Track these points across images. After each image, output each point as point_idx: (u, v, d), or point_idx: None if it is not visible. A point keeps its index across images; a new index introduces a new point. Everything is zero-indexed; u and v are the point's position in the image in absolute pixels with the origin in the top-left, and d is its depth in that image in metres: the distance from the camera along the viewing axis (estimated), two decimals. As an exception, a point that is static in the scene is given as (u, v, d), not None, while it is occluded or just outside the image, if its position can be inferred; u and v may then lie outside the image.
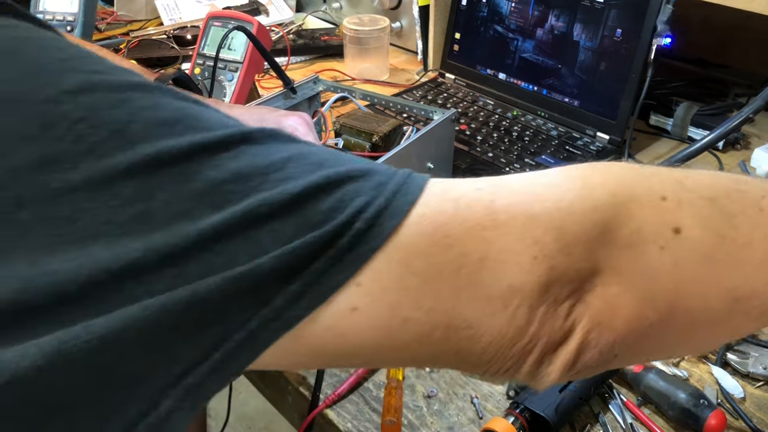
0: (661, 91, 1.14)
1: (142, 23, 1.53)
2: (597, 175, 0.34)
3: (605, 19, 1.04)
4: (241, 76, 1.04)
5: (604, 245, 0.32)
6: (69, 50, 0.30)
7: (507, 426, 0.61)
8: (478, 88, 1.23)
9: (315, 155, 0.31)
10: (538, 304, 0.31)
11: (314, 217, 0.29)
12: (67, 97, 0.27)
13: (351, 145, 0.87)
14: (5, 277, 0.25)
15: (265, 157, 0.30)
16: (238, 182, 0.28)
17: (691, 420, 0.62)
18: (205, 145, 0.28)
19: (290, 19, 1.58)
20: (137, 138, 0.27)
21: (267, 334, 0.28)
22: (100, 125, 0.27)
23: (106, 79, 0.29)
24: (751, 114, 0.74)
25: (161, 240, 0.26)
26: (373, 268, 0.30)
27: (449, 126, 0.91)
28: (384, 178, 0.31)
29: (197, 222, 0.27)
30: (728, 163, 1.03)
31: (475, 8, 1.22)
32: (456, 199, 0.32)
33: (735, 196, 0.35)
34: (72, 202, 0.26)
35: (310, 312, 0.29)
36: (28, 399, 0.24)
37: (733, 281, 0.34)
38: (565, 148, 1.05)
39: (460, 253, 0.30)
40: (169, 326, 0.26)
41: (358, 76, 1.33)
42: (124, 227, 0.26)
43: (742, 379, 0.68)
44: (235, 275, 0.27)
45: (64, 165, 0.26)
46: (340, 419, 0.66)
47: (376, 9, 1.43)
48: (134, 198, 0.27)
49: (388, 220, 0.30)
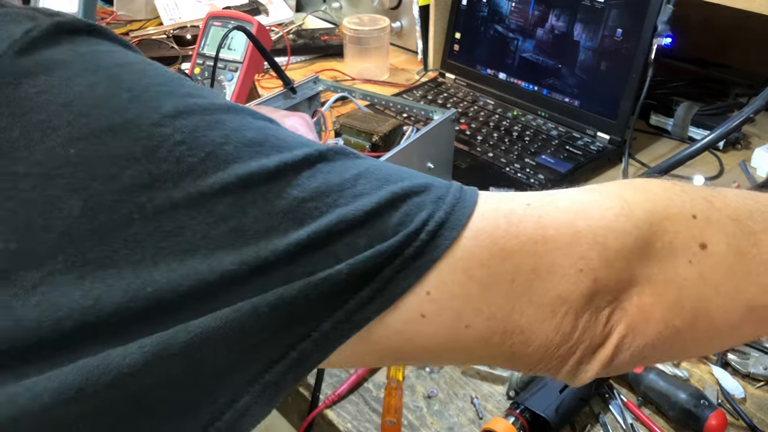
0: (661, 91, 1.14)
1: (141, 23, 1.53)
2: (636, 194, 0.37)
3: (606, 19, 1.03)
4: (240, 76, 1.04)
5: (641, 259, 0.35)
6: (161, 73, 0.32)
7: (507, 426, 0.61)
8: (478, 88, 1.23)
9: (380, 171, 0.34)
10: (582, 312, 0.35)
11: (385, 231, 0.32)
12: (167, 121, 0.29)
13: (351, 145, 0.87)
14: (113, 286, 0.27)
15: (338, 174, 0.32)
16: (318, 199, 0.31)
17: (691, 420, 0.62)
18: (290, 165, 0.31)
19: (290, 19, 1.58)
20: (230, 158, 0.30)
21: (337, 335, 0.31)
22: (197, 147, 0.29)
23: (198, 103, 0.31)
24: (751, 114, 0.74)
25: (252, 254, 0.29)
26: (439, 277, 0.33)
27: (449, 126, 0.91)
28: (442, 192, 0.34)
29: (284, 237, 0.30)
30: (728, 163, 1.03)
31: (476, 8, 1.21)
32: (508, 215, 0.35)
33: (757, 217, 0.38)
34: (174, 218, 0.28)
35: (377, 315, 0.32)
36: (129, 396, 0.27)
37: (750, 292, 0.37)
38: (565, 148, 1.05)
39: (515, 264, 0.34)
40: (258, 326, 0.29)
41: (358, 76, 1.33)
42: (218, 241, 0.29)
43: (743, 380, 0.68)
44: (316, 281, 0.30)
45: (166, 184, 0.28)
46: (340, 419, 0.65)
47: (376, 9, 1.43)
48: (228, 214, 0.29)
49: (448, 231, 0.33)
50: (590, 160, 1.02)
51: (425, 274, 0.32)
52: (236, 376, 0.30)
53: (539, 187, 0.94)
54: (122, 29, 1.50)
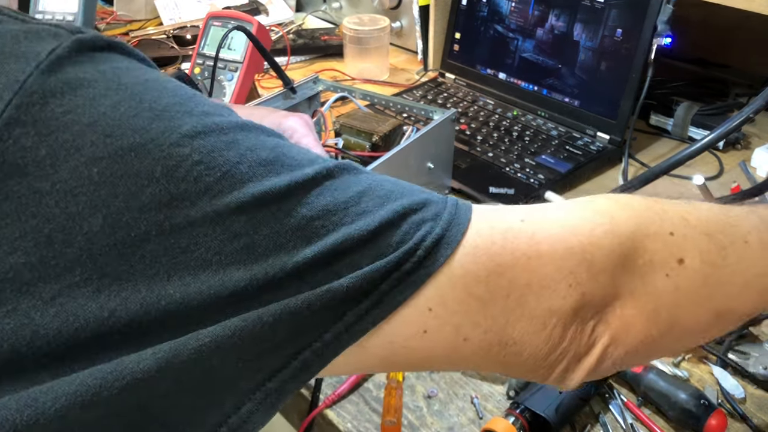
0: (661, 91, 1.14)
1: (141, 23, 1.53)
2: (622, 212, 0.39)
3: (605, 19, 1.03)
4: (240, 75, 1.04)
5: (624, 274, 0.38)
6: (179, 92, 0.33)
7: (507, 426, 0.61)
8: (478, 88, 1.23)
9: (382, 187, 0.35)
10: (570, 324, 0.37)
11: (386, 249, 0.33)
12: (186, 141, 0.30)
13: (351, 145, 0.87)
14: (128, 299, 0.29)
15: (343, 191, 0.34)
16: (325, 218, 0.32)
17: (691, 420, 0.61)
18: (300, 184, 0.33)
19: (290, 18, 1.58)
20: (245, 178, 0.31)
21: (337, 345, 0.33)
22: (214, 167, 0.31)
23: (215, 122, 0.32)
24: (751, 114, 0.74)
25: (262, 271, 0.30)
26: (438, 293, 0.34)
27: (449, 126, 0.91)
28: (439, 209, 0.36)
29: (292, 255, 0.31)
30: (728, 163, 1.03)
31: (475, 8, 1.21)
32: (504, 231, 0.36)
33: (728, 231, 0.41)
34: (190, 236, 0.30)
35: (374, 326, 0.33)
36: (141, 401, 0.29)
37: (719, 300, 0.41)
38: (565, 148, 1.04)
39: (510, 279, 0.35)
40: (263, 336, 0.30)
41: (358, 75, 1.33)
42: (231, 257, 0.30)
43: (743, 380, 0.68)
44: (319, 294, 0.31)
45: (184, 203, 0.30)
46: (340, 419, 0.65)
47: (376, 9, 1.43)
48: (242, 232, 0.30)
49: (444, 248, 0.34)
50: (590, 160, 1.02)
51: (421, 288, 0.34)
52: (241, 383, 0.31)
53: (539, 187, 0.94)
54: (122, 29, 1.50)
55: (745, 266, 0.41)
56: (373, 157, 0.81)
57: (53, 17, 1.17)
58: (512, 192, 0.93)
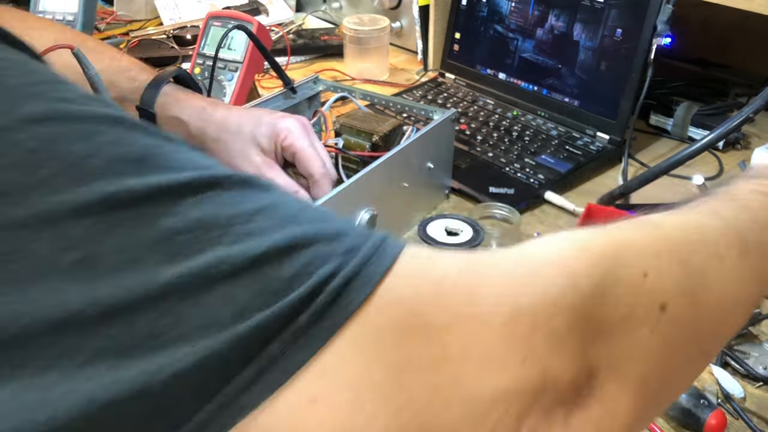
0: (661, 91, 1.14)
1: (141, 23, 1.53)
2: (580, 260, 0.31)
3: (605, 19, 1.04)
4: (240, 75, 1.04)
5: (596, 339, 0.29)
6: (39, 74, 0.27)
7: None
8: (478, 88, 1.23)
9: (287, 208, 0.28)
10: (526, 413, 0.27)
11: (274, 285, 0.25)
12: (22, 126, 0.25)
13: (351, 145, 0.87)
14: None
15: (232, 206, 0.27)
16: (196, 233, 0.25)
17: (691, 420, 0.61)
18: (169, 188, 0.26)
19: (290, 18, 1.58)
20: (95, 174, 0.25)
21: (215, 428, 0.24)
22: (53, 158, 0.25)
23: (73, 109, 0.26)
24: (751, 114, 0.74)
25: (104, 292, 0.23)
26: (338, 353, 0.25)
27: (449, 126, 0.91)
28: (357, 242, 0.27)
29: (144, 275, 0.24)
30: (728, 163, 1.03)
31: (475, 8, 1.21)
32: (438, 282, 0.28)
33: (698, 248, 0.35)
34: (13, 240, 0.23)
35: (261, 402, 0.25)
36: None
37: (706, 337, 0.35)
38: (565, 148, 1.05)
39: (440, 345, 0.26)
40: (109, 423, 0.23)
41: (358, 76, 1.33)
42: (66, 273, 0.23)
43: (743, 379, 0.68)
44: (185, 367, 0.24)
45: (9, 198, 0.24)
46: None
47: (376, 9, 1.43)
48: (82, 240, 0.24)
49: (355, 293, 0.26)
50: (590, 160, 1.02)
51: (322, 349, 0.25)
52: None
53: (539, 187, 0.94)
54: (122, 29, 1.50)
55: (725, 288, 0.35)
56: (373, 157, 0.81)
57: (53, 17, 1.17)
58: (512, 192, 0.93)
